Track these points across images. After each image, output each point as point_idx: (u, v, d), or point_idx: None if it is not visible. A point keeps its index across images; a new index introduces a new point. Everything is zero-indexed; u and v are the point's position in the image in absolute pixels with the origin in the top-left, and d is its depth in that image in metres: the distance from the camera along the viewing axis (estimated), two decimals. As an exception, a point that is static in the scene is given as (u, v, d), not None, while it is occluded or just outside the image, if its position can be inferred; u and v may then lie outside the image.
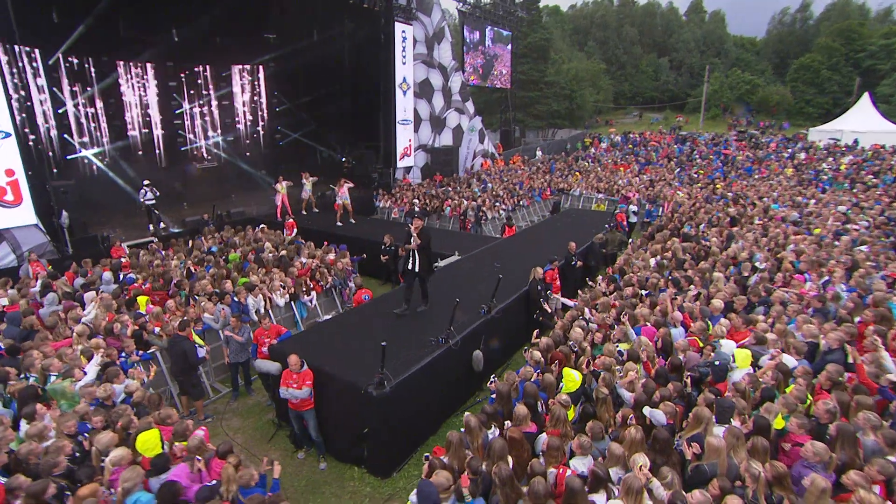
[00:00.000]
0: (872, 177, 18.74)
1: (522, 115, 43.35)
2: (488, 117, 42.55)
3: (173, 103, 20.18)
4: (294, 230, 13.77)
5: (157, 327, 7.21)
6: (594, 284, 8.59)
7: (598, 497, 3.76)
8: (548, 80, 43.74)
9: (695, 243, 10.22)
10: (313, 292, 9.45)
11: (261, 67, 22.69)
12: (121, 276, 9.42)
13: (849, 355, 5.40)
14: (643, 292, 7.83)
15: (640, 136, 34.31)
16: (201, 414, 6.89)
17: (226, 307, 7.65)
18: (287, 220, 14.30)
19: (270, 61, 22.24)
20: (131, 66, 18.64)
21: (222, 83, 21.68)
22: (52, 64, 16.13)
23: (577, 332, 6.30)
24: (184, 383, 6.71)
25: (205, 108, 21.59)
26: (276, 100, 23.25)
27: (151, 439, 4.41)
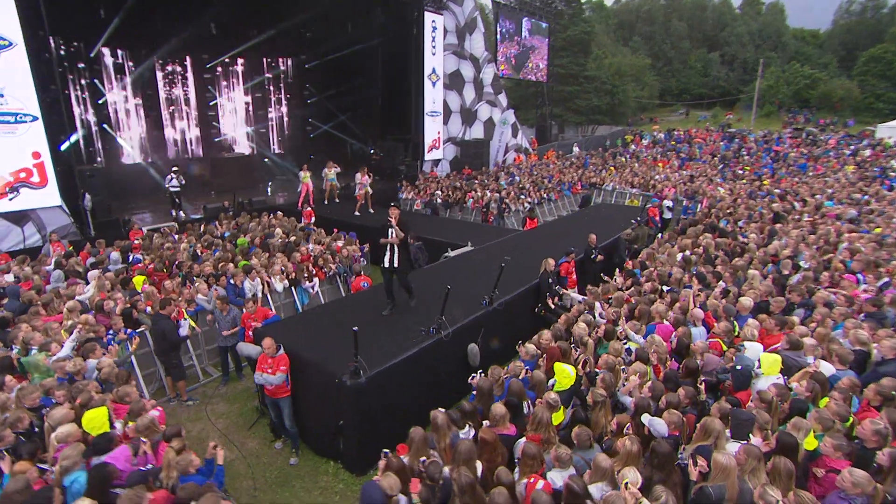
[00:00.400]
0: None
1: (561, 111, 41.95)
2: (524, 113, 41.49)
3: (207, 95, 20.62)
4: (312, 219, 13.64)
5: (148, 307, 7.09)
6: (609, 279, 7.83)
7: (572, 516, 3.17)
8: (588, 75, 42.06)
9: (730, 239, 9.22)
10: (316, 279, 9.16)
11: (291, 60, 22.89)
12: (130, 257, 9.48)
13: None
14: (664, 288, 7.04)
15: (684, 133, 32.44)
16: (184, 395, 6.70)
17: (219, 289, 7.46)
18: (305, 208, 14.21)
19: (302, 53, 22.40)
20: (168, 59, 19.17)
21: (255, 75, 21.98)
22: (93, 57, 16.81)
23: (580, 328, 5.64)
24: (166, 363, 6.55)
25: (238, 100, 21.99)
26: (308, 92, 23.37)
27: (98, 417, 4.15)
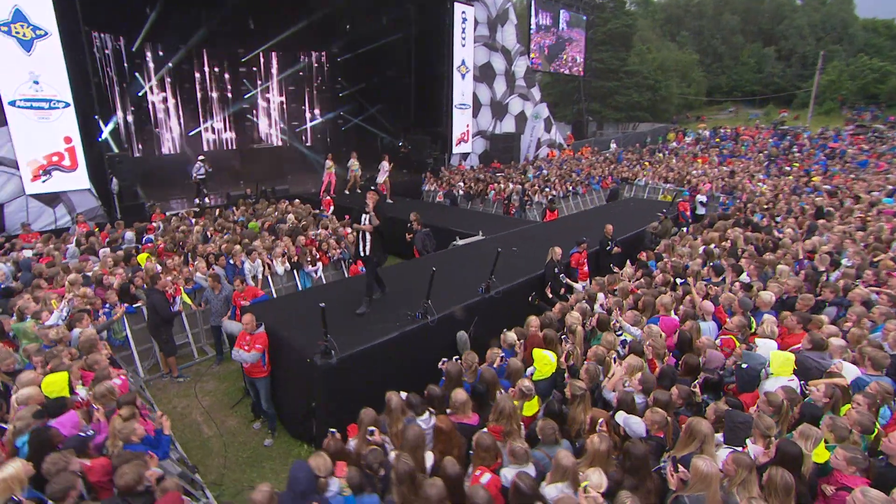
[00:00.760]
0: None
1: (599, 107, 40.58)
2: (562, 109, 40.47)
3: (242, 88, 21.19)
4: (331, 208, 13.66)
5: (145, 283, 7.16)
6: (617, 269, 7.27)
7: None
8: (628, 70, 40.44)
9: (763, 234, 8.40)
10: (319, 263, 9.06)
11: (325, 53, 23.15)
12: (144, 237, 9.73)
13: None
14: (678, 281, 6.43)
15: (731, 131, 30.61)
16: (175, 371, 6.71)
17: (217, 268, 7.45)
18: (325, 197, 14.24)
19: (334, 47, 22.60)
20: (204, 53, 19.80)
21: (288, 69, 22.39)
22: (134, 51, 17.56)
23: (573, 316, 5.17)
24: (157, 338, 6.58)
25: (271, 93, 22.46)
26: (340, 85, 23.61)
27: (57, 382, 4.12)
